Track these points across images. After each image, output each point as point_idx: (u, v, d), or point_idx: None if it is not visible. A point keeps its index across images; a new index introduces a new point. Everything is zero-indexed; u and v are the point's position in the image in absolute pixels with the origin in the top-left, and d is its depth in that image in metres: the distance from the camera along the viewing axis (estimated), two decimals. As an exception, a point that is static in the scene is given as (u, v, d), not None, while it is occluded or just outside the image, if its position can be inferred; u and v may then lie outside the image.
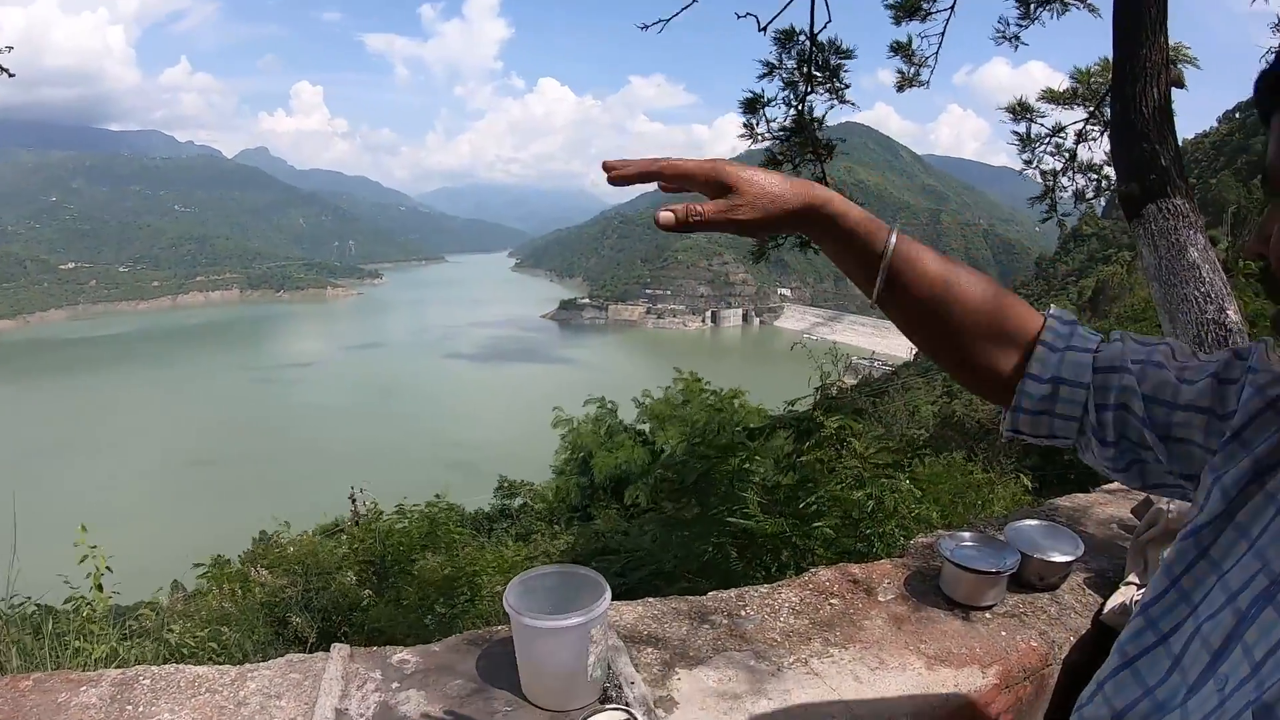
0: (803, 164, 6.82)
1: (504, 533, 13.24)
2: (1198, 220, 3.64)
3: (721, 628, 2.14)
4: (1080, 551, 2.50)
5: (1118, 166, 3.95)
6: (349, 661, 1.79)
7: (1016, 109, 7.23)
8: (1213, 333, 3.39)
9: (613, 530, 8.67)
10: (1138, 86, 3.75)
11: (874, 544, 5.13)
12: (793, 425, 6.59)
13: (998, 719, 2.10)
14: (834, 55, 6.60)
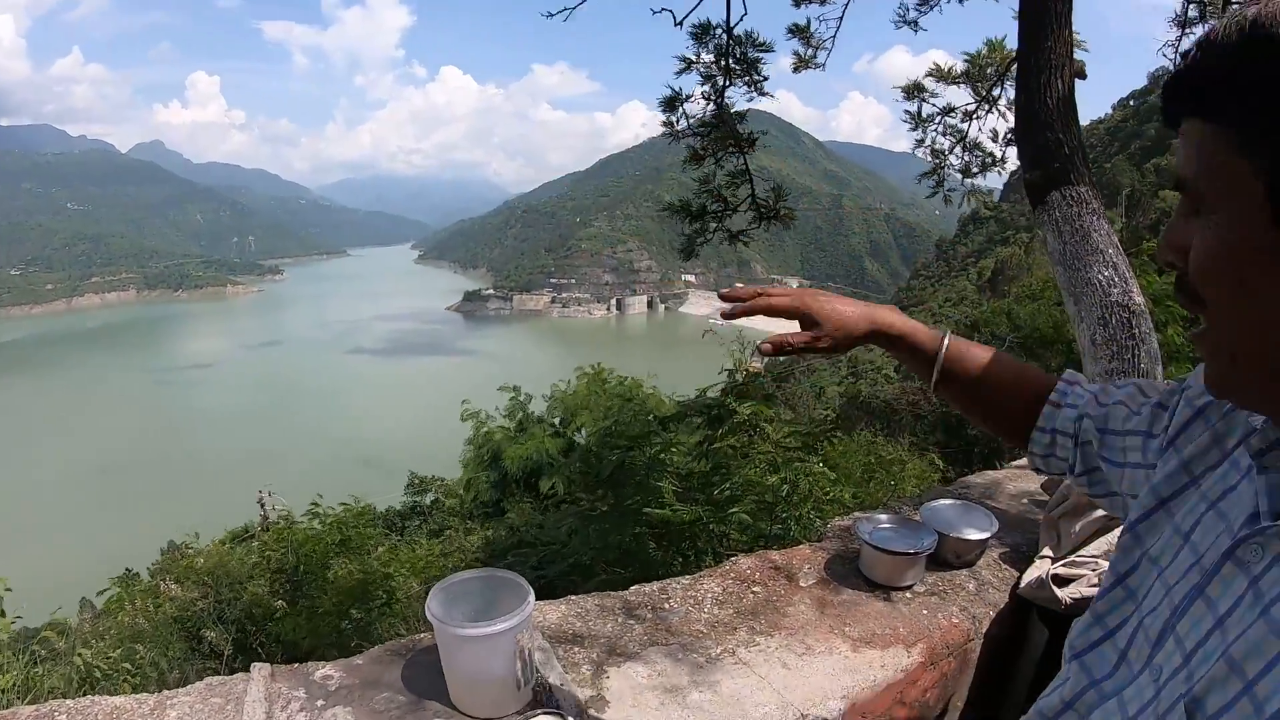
0: (724, 157, 6.83)
1: (416, 530, 13.04)
2: (1100, 206, 3.76)
3: (647, 622, 2.12)
4: (994, 528, 2.55)
5: (1023, 155, 4.04)
6: (271, 681, 1.72)
7: (910, 89, 7.39)
8: (1117, 314, 3.50)
9: (527, 524, 8.61)
10: (1042, 78, 3.85)
11: (790, 528, 5.17)
12: (704, 412, 6.61)
13: (924, 695, 2.14)
14: (752, 48, 6.61)
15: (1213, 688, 0.69)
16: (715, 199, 6.74)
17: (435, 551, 7.33)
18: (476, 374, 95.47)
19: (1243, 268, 0.68)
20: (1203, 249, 0.71)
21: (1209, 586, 0.76)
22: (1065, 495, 2.50)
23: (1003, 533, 2.65)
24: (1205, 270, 0.71)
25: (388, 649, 1.88)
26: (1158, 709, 0.75)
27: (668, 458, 5.77)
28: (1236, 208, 0.68)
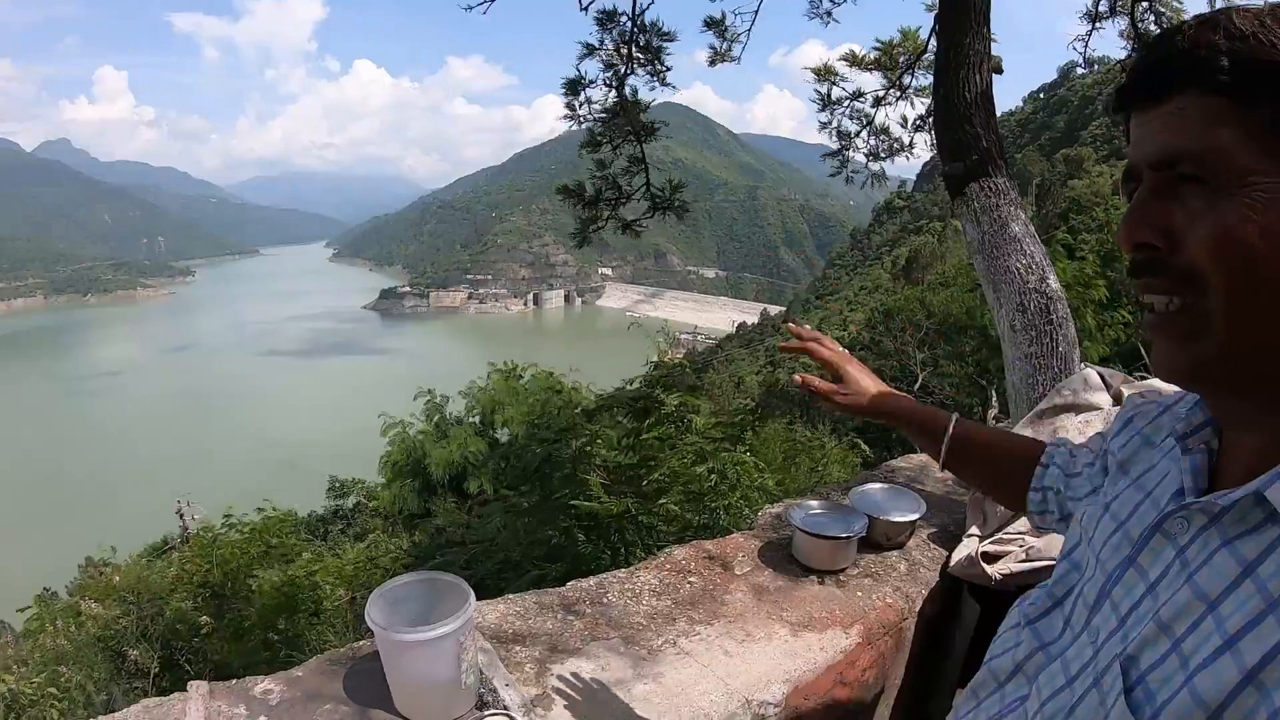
0: (622, 144, 6.82)
1: (340, 535, 12.83)
2: (1017, 197, 3.88)
3: (587, 617, 2.12)
4: (923, 510, 2.61)
5: (942, 148, 4.13)
6: (209, 700, 1.66)
7: (821, 71, 7.49)
8: (1035, 300, 3.62)
9: (453, 524, 8.53)
10: (961, 74, 3.94)
11: (719, 517, 5.22)
12: (629, 404, 6.62)
13: (863, 674, 2.18)
14: (656, 37, 6.61)
15: (1145, 647, 0.76)
16: (610, 186, 6.73)
17: (362, 557, 7.22)
18: (394, 373, 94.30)
19: (1265, 249, 0.71)
20: (1223, 227, 0.72)
21: (1140, 556, 0.84)
22: (990, 475, 2.56)
23: (930, 514, 2.71)
24: (1226, 249, 0.72)
25: (328, 659, 1.83)
26: (1096, 667, 0.81)
27: (595, 450, 5.76)
28: (1262, 191, 0.70)
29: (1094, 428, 2.50)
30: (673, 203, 6.86)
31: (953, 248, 51.63)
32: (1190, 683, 0.70)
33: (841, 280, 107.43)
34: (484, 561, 5.65)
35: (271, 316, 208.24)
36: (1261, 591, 0.69)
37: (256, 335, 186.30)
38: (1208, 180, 0.73)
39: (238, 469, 74.51)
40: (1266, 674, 0.65)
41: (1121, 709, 0.74)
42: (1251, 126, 0.71)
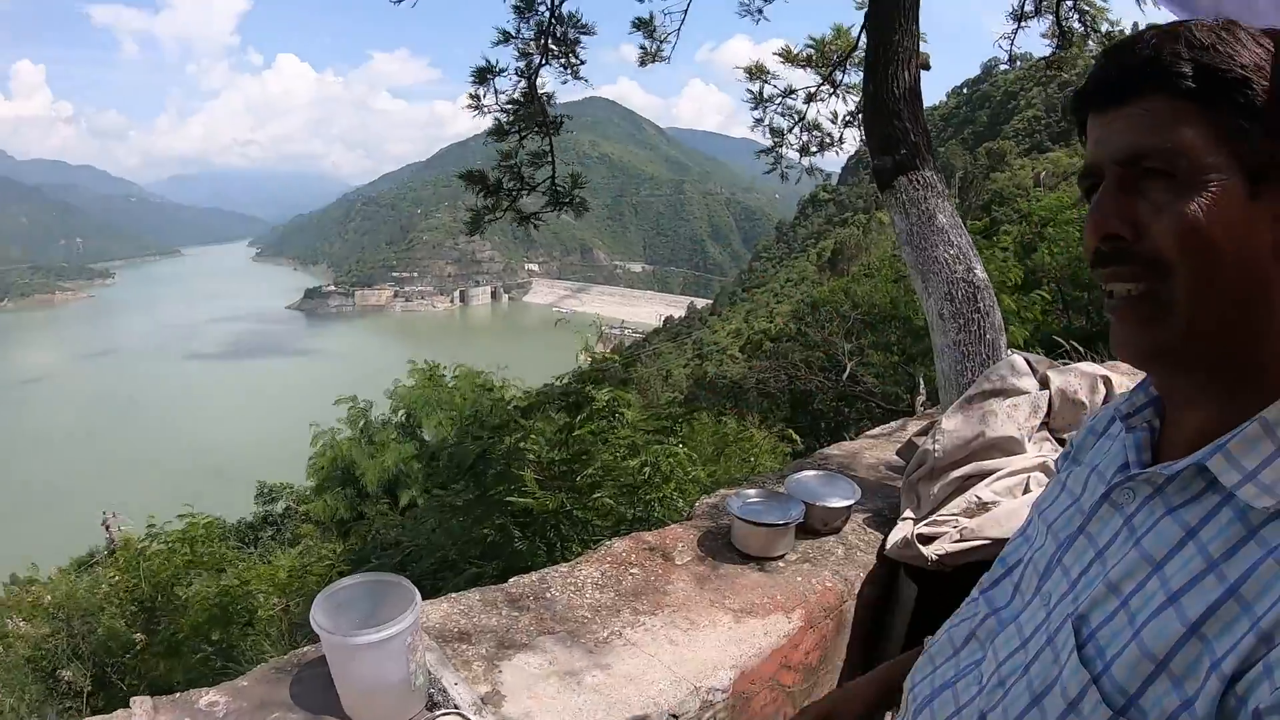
0: (529, 137, 6.79)
1: (271, 541, 12.55)
2: (944, 189, 3.97)
3: (532, 611, 2.12)
4: (857, 495, 2.66)
5: (871, 142, 4.20)
6: (154, 715, 1.62)
7: (753, 69, 7.56)
8: (962, 289, 3.71)
9: (387, 524, 8.42)
10: (890, 69, 4.01)
11: (654, 509, 5.25)
12: (561, 399, 6.61)
13: (807, 657, 2.22)
14: (573, 29, 6.58)
15: (1095, 606, 0.83)
16: (513, 176, 6.69)
17: (296, 564, 7.08)
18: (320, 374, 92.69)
19: (1224, 237, 0.78)
20: (1185, 221, 0.79)
21: (1089, 525, 0.92)
22: (922, 460, 2.63)
23: (865, 499, 2.76)
24: (1191, 237, 0.79)
25: (273, 667, 1.80)
26: (1049, 627, 0.88)
27: (528, 446, 5.75)
28: (1221, 185, 0.78)
29: (1021, 411, 2.58)
30: (573, 198, 6.85)
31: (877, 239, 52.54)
32: (1138, 637, 0.77)
33: (768, 273, 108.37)
34: (420, 562, 5.60)
35: (194, 319, 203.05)
36: (1202, 553, 0.76)
37: (179, 338, 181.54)
38: (1173, 175, 0.80)
39: (164, 477, 72.60)
40: (1208, 626, 0.72)
41: (1074, 664, 0.81)
42: (1213, 128, 0.78)
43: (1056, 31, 6.85)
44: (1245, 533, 0.75)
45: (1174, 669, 0.74)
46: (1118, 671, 0.77)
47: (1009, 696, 0.90)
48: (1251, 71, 0.78)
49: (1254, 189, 0.77)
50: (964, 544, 2.32)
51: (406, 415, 14.37)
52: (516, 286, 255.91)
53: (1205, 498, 0.80)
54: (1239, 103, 0.78)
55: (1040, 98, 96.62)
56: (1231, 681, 0.70)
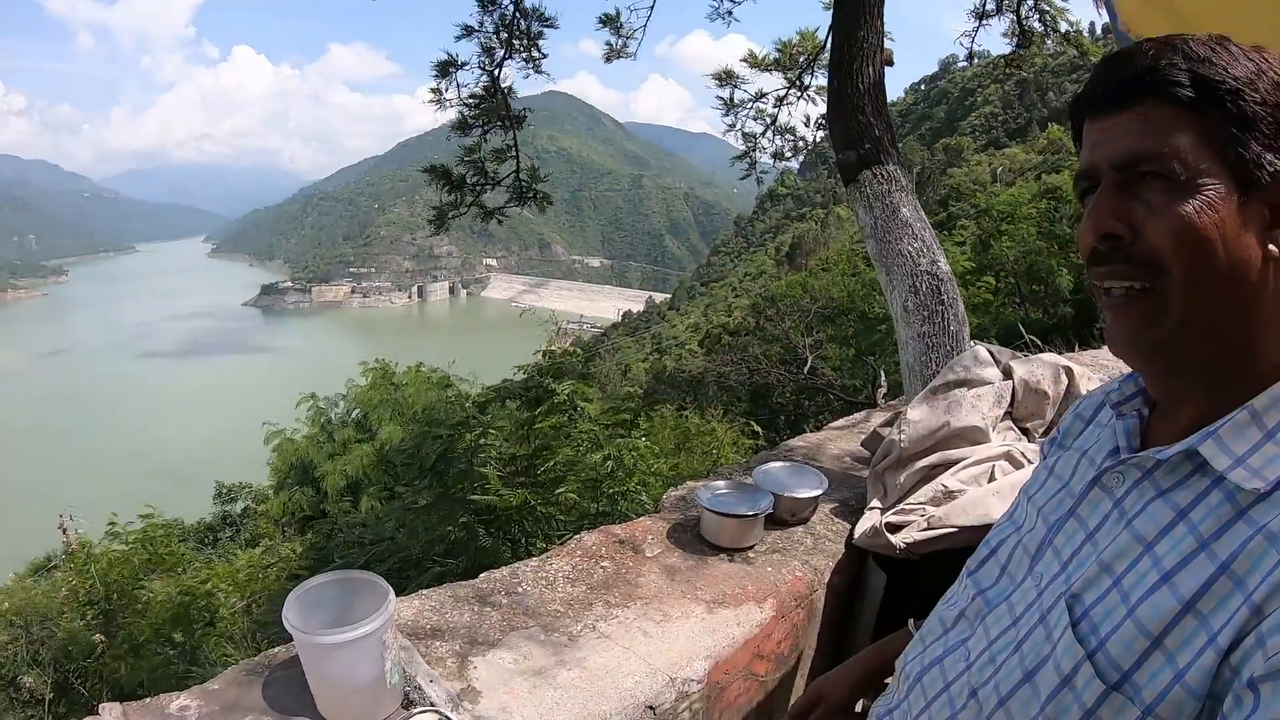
0: (492, 131, 6.77)
1: (230, 541, 12.39)
2: (908, 184, 4.02)
3: (503, 607, 2.11)
4: (824, 486, 2.68)
5: (835, 137, 4.24)
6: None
7: (722, 75, 7.59)
8: (926, 282, 3.76)
9: (349, 523, 8.34)
10: (855, 65, 4.06)
11: (618, 503, 5.25)
12: (521, 394, 6.59)
13: (779, 646, 2.24)
14: (536, 22, 6.57)
15: (1088, 586, 0.87)
16: (477, 171, 6.69)
17: (257, 564, 6.99)
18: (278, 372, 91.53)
19: (1217, 239, 0.83)
20: (1184, 219, 0.84)
21: (1079, 508, 0.96)
22: (888, 450, 2.65)
23: (832, 489, 2.78)
24: (1185, 238, 0.84)
25: (244, 669, 1.77)
26: (1041, 606, 0.93)
27: (489, 442, 5.73)
28: (1214, 189, 0.83)
29: (985, 401, 2.61)
30: (536, 193, 6.85)
31: (835, 234, 52.98)
32: (1132, 614, 0.81)
33: (726, 267, 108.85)
34: (383, 561, 5.55)
35: (149, 316, 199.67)
36: (1194, 533, 0.81)
37: (134, 336, 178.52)
38: (1168, 178, 0.84)
39: (120, 477, 71.47)
40: (1203, 603, 0.76)
41: (1069, 640, 0.85)
42: (1206, 136, 0.83)
43: (1017, 30, 6.96)
44: (1234, 513, 0.79)
45: (1168, 644, 0.78)
46: (1112, 648, 0.81)
47: (1000, 673, 0.93)
48: (1244, 83, 0.83)
49: (1244, 194, 0.82)
50: (931, 532, 2.35)
51: (363, 416, 14.27)
52: (475, 282, 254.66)
53: (1194, 481, 0.84)
54: (1232, 112, 0.82)
55: (997, 95, 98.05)
56: (1227, 653, 0.74)
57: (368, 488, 12.51)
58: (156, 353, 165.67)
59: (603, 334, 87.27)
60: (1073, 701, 0.83)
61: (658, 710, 1.84)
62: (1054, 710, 0.85)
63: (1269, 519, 0.76)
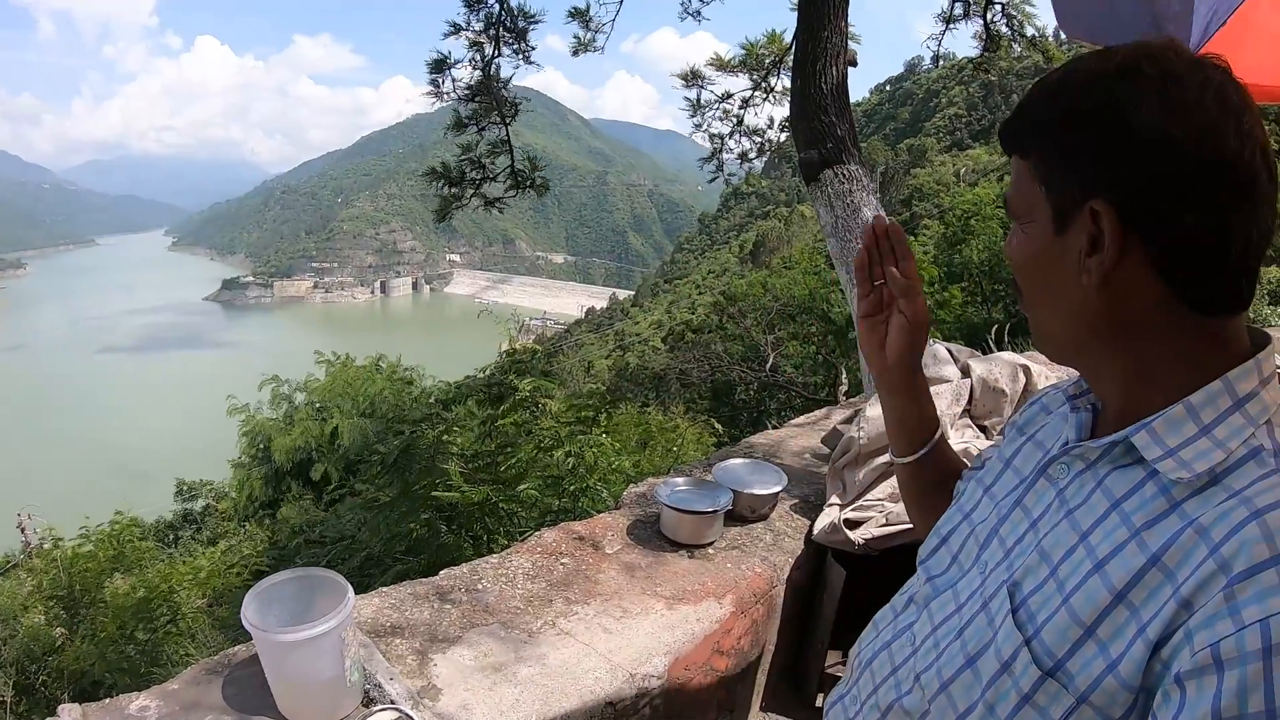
0: (487, 125, 6.84)
1: (191, 540, 12.26)
2: (870, 183, 4.07)
3: (463, 604, 2.11)
4: (784, 482, 2.70)
5: (798, 136, 4.28)
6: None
7: (688, 76, 7.66)
8: (886, 283, 3.79)
9: (309, 521, 8.28)
10: (818, 65, 4.11)
11: (579, 500, 5.26)
12: (484, 391, 6.58)
13: (739, 642, 2.25)
14: (522, 19, 6.66)
15: (1027, 574, 0.90)
16: (475, 166, 6.77)
17: (218, 563, 6.93)
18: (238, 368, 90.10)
19: (1040, 268, 0.93)
20: (1018, 253, 0.96)
21: (1025, 497, 0.99)
22: (847, 447, 2.67)
23: (791, 486, 2.80)
24: (1020, 269, 0.96)
25: (203, 668, 1.75)
26: (984, 593, 0.95)
27: (452, 439, 5.71)
28: (1037, 222, 0.91)
29: (943, 399, 2.64)
30: (534, 180, 6.95)
31: (799, 232, 53.27)
32: (1067, 603, 0.83)
33: (690, 264, 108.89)
34: (346, 559, 5.52)
35: (109, 311, 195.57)
36: (1126, 523, 0.83)
37: (92, 331, 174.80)
38: (1016, 218, 0.96)
39: (78, 475, 70.24)
40: (1134, 594, 0.79)
41: (1009, 627, 0.87)
42: (1030, 177, 0.92)
43: (984, 34, 7.07)
44: (1168, 506, 0.82)
45: (1101, 634, 0.80)
46: (1047, 635, 0.84)
47: (943, 658, 0.96)
48: (1049, 123, 0.90)
49: (1060, 226, 0.89)
50: (890, 528, 2.38)
51: (321, 406, 14.28)
52: (438, 277, 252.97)
53: (1131, 472, 0.87)
54: (1042, 152, 0.91)
55: (962, 96, 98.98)
56: (1157, 647, 0.75)
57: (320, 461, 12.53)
58: (115, 348, 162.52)
59: (566, 331, 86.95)
60: (1011, 687, 0.85)
61: (618, 706, 1.85)
62: (993, 695, 0.87)
63: (1201, 513, 0.78)
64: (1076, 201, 0.86)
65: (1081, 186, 0.86)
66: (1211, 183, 0.81)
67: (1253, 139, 0.81)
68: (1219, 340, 0.86)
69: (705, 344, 18.83)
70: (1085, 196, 0.85)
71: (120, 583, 5.63)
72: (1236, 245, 0.82)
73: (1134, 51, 0.86)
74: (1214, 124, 0.81)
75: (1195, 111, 0.81)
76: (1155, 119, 0.81)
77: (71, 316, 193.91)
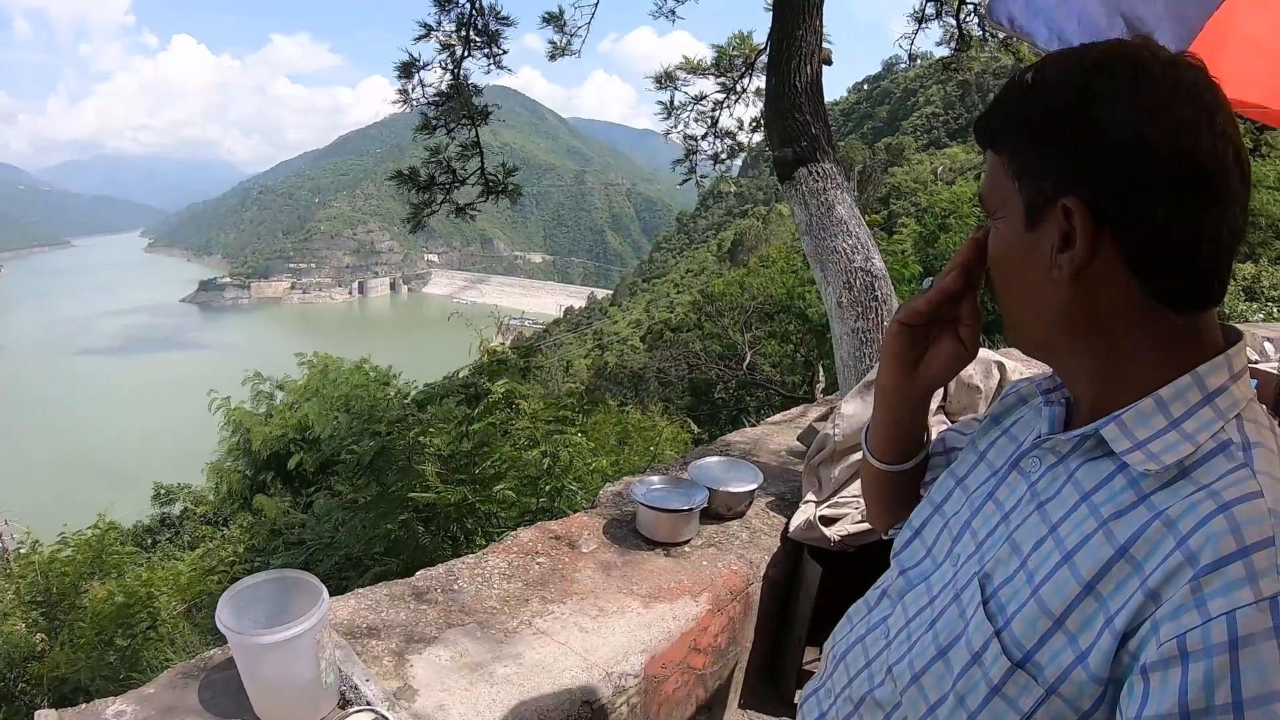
0: (457, 128, 6.77)
1: (170, 544, 12.16)
2: (844, 181, 4.08)
3: (440, 604, 2.11)
4: (760, 480, 2.71)
5: (772, 134, 4.29)
6: (60, 727, 1.56)
7: (662, 78, 7.64)
8: (860, 278, 3.83)
9: (288, 522, 8.22)
10: (793, 64, 4.11)
11: (555, 500, 5.25)
12: (460, 392, 6.56)
13: (715, 639, 2.26)
14: (494, 20, 6.59)
15: (998, 566, 0.90)
16: (444, 170, 6.70)
17: (197, 567, 6.86)
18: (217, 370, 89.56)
19: (1012, 263, 0.93)
20: (992, 247, 0.96)
21: (998, 490, 0.99)
22: (823, 444, 2.69)
23: (767, 483, 2.82)
24: (993, 264, 0.97)
25: (180, 672, 1.74)
26: (956, 585, 0.95)
27: (428, 440, 5.69)
28: (1009, 217, 0.91)
29: (917, 395, 2.66)
30: (506, 186, 6.87)
31: (777, 230, 53.34)
32: (1036, 595, 0.84)
33: (668, 263, 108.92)
34: (323, 561, 5.49)
35: (85, 313, 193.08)
36: (1095, 514, 0.84)
37: (69, 333, 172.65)
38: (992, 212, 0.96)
39: (57, 477, 69.52)
40: (1103, 585, 0.79)
41: (980, 618, 0.88)
42: (1002, 172, 0.92)
43: (956, 34, 7.10)
44: (1136, 498, 0.82)
45: (1070, 625, 0.80)
46: (1017, 627, 0.84)
47: (915, 649, 0.96)
48: (1023, 119, 0.90)
49: (1031, 222, 0.89)
50: (865, 525, 2.39)
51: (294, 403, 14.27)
52: (416, 277, 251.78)
53: (1101, 464, 0.88)
54: (1014, 147, 0.90)
55: (939, 95, 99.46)
56: (1124, 639, 0.76)
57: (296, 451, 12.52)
58: (92, 349, 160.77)
59: (544, 330, 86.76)
60: (981, 678, 0.85)
61: (594, 705, 1.86)
62: (964, 686, 0.87)
63: (1169, 505, 0.79)
64: (1049, 198, 0.86)
65: (1054, 183, 0.85)
66: (1183, 182, 0.81)
67: (1225, 138, 0.81)
68: (1190, 336, 0.87)
69: (684, 343, 18.84)
70: (1058, 193, 0.85)
71: (99, 588, 5.58)
72: (1208, 244, 0.82)
73: (1108, 49, 0.86)
74: (1187, 123, 0.81)
75: (1168, 110, 0.81)
76: (1128, 117, 0.81)
77: (47, 319, 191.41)
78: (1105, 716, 0.79)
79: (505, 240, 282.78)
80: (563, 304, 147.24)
